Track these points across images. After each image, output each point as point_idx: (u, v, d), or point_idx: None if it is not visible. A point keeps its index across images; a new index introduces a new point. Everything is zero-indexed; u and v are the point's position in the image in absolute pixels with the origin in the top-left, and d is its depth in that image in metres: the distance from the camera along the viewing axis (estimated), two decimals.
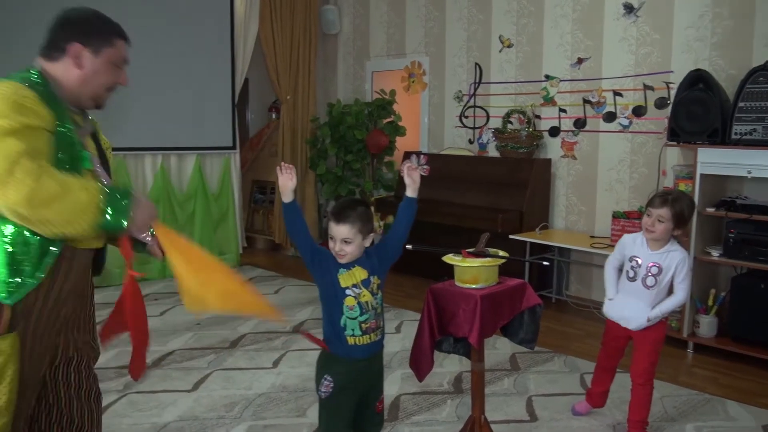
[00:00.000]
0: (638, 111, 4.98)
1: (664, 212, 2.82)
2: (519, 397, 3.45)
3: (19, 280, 1.67)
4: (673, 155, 4.70)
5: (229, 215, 6.55)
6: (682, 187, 4.34)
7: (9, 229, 1.66)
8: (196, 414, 3.19)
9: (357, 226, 2.21)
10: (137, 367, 2.01)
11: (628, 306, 2.95)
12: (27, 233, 1.67)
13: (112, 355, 3.96)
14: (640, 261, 2.92)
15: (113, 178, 2.01)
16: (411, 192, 2.36)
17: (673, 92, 4.64)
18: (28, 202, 1.51)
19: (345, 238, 2.21)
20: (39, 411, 1.92)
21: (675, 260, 2.87)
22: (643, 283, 2.90)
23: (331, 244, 2.25)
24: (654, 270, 2.88)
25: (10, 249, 1.67)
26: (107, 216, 1.64)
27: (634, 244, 2.98)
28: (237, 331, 4.46)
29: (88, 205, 1.61)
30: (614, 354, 3.11)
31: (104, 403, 3.27)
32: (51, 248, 1.71)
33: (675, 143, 4.38)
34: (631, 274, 2.95)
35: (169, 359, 3.93)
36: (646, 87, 4.92)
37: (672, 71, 4.75)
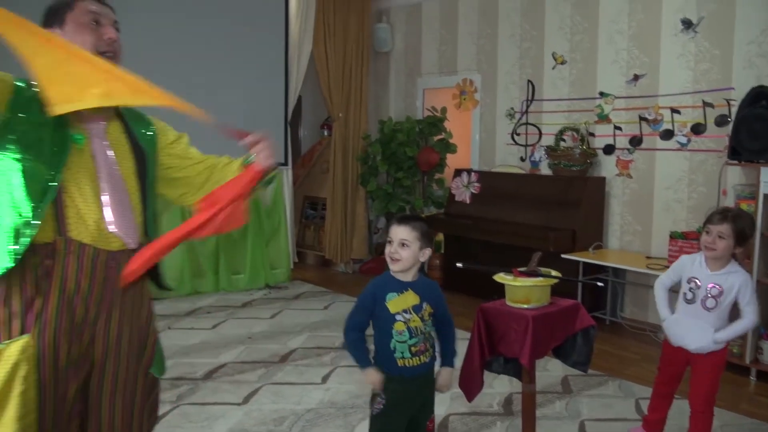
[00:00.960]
0: (697, 129, 4.85)
1: (724, 228, 2.73)
2: (571, 421, 3.37)
3: None
4: (734, 174, 4.55)
5: (280, 230, 6.65)
6: (743, 207, 4.20)
7: None
8: (246, 428, 3.23)
9: (417, 232, 2.23)
10: (133, 272, 1.73)
11: (689, 329, 2.83)
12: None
13: (167, 366, 4.06)
14: (699, 282, 2.82)
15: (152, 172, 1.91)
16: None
17: (734, 109, 4.50)
18: None
19: (403, 239, 2.22)
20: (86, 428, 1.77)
21: (737, 282, 2.76)
22: (702, 305, 2.80)
23: (387, 248, 2.26)
24: (714, 291, 2.77)
25: None
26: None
27: (692, 266, 2.88)
28: (287, 346, 4.51)
29: None
30: (672, 379, 3.00)
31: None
32: (23, 233, 1.59)
33: (736, 162, 4.25)
34: (690, 296, 2.85)
35: (220, 372, 3.99)
36: (706, 104, 4.79)
37: (733, 88, 4.62)
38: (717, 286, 2.77)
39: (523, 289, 2.54)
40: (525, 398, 2.66)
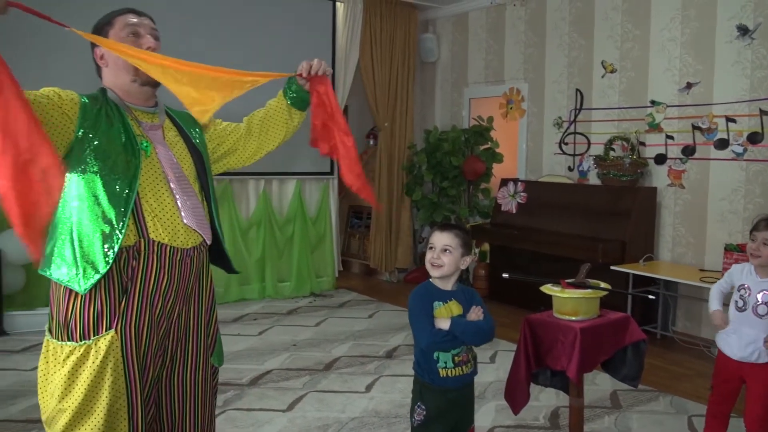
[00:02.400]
0: (754, 138, 4.70)
1: None
2: None
3: (82, 270, 1.70)
4: None
5: (326, 239, 6.71)
6: None
7: (72, 220, 1.72)
8: None
9: (459, 239, 2.23)
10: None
11: (741, 338, 2.74)
12: (86, 225, 1.71)
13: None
14: (749, 290, 2.74)
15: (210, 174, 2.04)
16: None
17: None
18: None
19: (446, 245, 2.22)
20: (156, 418, 1.92)
21: None
22: (754, 311, 2.71)
23: (428, 255, 2.25)
24: (766, 298, 2.69)
25: (74, 241, 1.71)
26: None
27: (742, 274, 2.81)
28: (331, 354, 4.53)
29: None
30: (726, 398, 2.87)
31: None
32: (113, 240, 1.71)
33: None
34: (740, 303, 2.77)
35: (266, 378, 4.03)
36: (763, 112, 4.64)
37: None
38: None
39: (571, 301, 2.49)
40: (572, 412, 2.60)
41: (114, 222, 1.71)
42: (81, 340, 1.72)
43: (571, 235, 5.42)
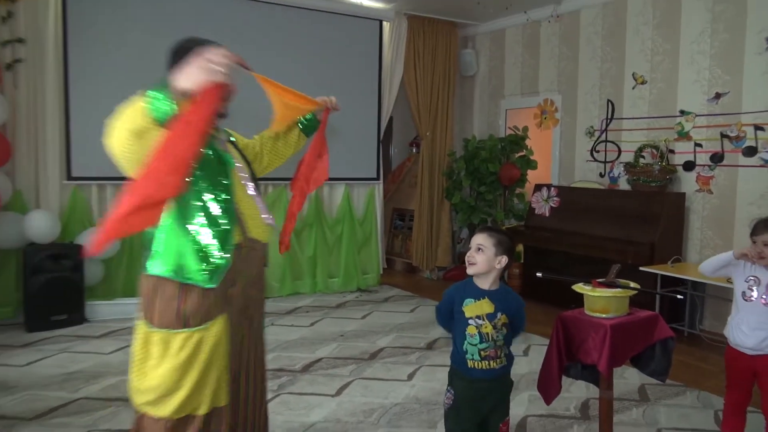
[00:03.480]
0: None
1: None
2: (648, 429, 3.21)
3: (210, 265, 1.86)
4: None
5: (372, 239, 6.73)
6: None
7: (198, 221, 1.87)
8: (339, 417, 3.27)
9: (494, 239, 2.21)
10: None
11: (749, 327, 2.63)
12: (204, 233, 1.86)
13: (270, 358, 4.19)
14: (759, 279, 2.63)
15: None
16: None
17: None
18: (115, 133, 1.75)
19: (480, 244, 2.21)
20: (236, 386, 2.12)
21: None
22: (762, 300, 2.61)
23: (467, 253, 2.26)
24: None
25: (198, 239, 1.86)
26: (152, 98, 1.65)
27: (748, 266, 2.68)
28: (376, 345, 4.54)
29: (136, 108, 1.68)
30: (741, 392, 2.73)
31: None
32: (227, 242, 1.88)
33: None
34: (749, 293, 2.65)
35: (316, 366, 4.08)
36: None
37: None
38: None
39: (602, 299, 2.45)
40: (602, 404, 2.56)
41: (227, 225, 1.87)
42: (197, 326, 1.87)
43: (601, 237, 5.31)
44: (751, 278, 2.67)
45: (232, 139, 2.25)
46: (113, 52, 5.22)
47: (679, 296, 4.07)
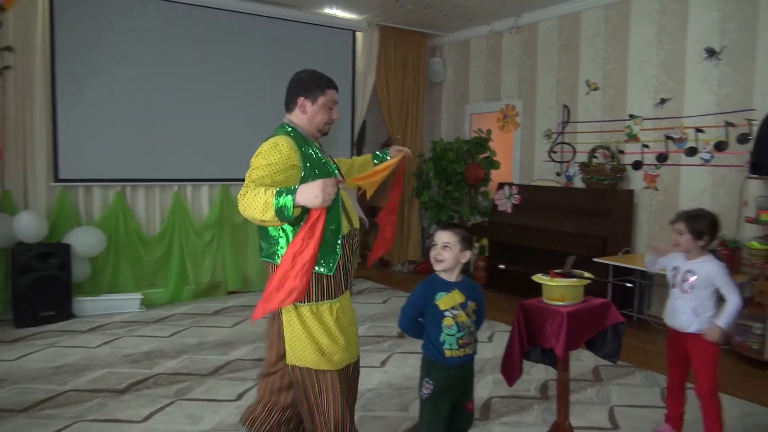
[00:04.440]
0: (720, 146, 4.63)
1: (680, 226, 2.75)
2: (601, 407, 3.26)
3: (331, 257, 2.22)
4: (755, 187, 4.32)
5: None
6: (764, 217, 3.99)
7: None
8: None
9: (458, 236, 2.22)
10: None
11: (675, 309, 2.80)
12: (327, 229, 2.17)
13: (250, 348, 4.15)
14: (678, 267, 2.79)
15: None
16: None
17: (755, 128, 4.28)
18: (247, 205, 2.04)
19: (446, 243, 2.21)
20: None
21: (710, 270, 2.70)
22: (681, 288, 2.77)
23: (432, 252, 2.25)
24: (689, 276, 2.73)
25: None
26: (278, 205, 1.95)
27: (675, 257, 2.85)
28: None
29: (268, 210, 1.97)
30: (679, 369, 2.87)
31: (242, 389, 3.42)
32: (339, 235, 2.24)
33: (757, 176, 4.03)
34: (673, 281, 2.83)
35: None
36: (728, 124, 4.57)
37: (754, 109, 4.39)
38: (691, 271, 2.74)
39: (559, 289, 2.47)
40: (560, 385, 2.59)
41: (339, 221, 2.22)
42: (334, 298, 2.24)
43: (559, 231, 5.38)
44: (673, 268, 2.82)
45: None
46: (99, 60, 5.11)
47: (628, 285, 4.15)
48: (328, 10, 6.26)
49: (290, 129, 2.30)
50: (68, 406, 3.15)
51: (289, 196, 1.91)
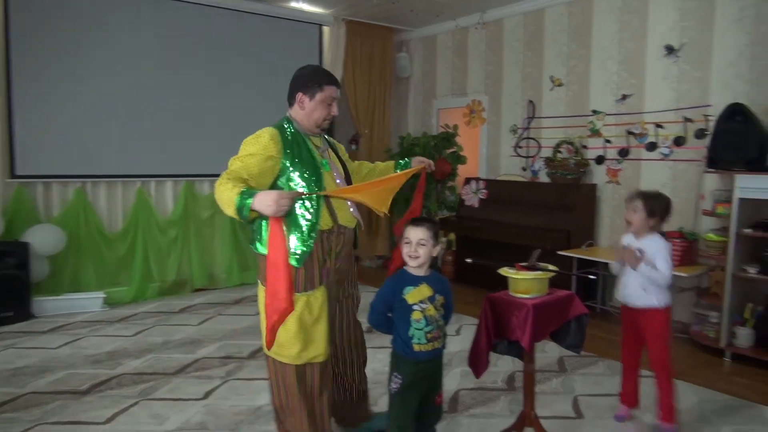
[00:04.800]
0: (678, 141, 4.77)
1: (637, 203, 2.85)
2: (566, 396, 3.33)
3: (294, 252, 2.26)
4: (712, 181, 4.46)
5: None
6: (720, 209, 4.12)
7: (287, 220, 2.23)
8: None
9: (431, 231, 2.24)
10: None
11: (626, 285, 2.91)
12: (296, 221, 2.26)
13: (217, 346, 4.09)
14: (629, 246, 2.90)
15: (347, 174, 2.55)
16: None
17: (711, 124, 4.42)
18: (216, 194, 2.13)
19: (421, 240, 2.21)
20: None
21: (656, 248, 2.83)
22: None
23: (406, 249, 2.23)
24: (638, 254, 2.83)
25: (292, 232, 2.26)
26: (238, 205, 2.04)
27: (627, 236, 2.98)
28: None
29: (228, 206, 2.07)
30: (632, 346, 2.99)
31: (208, 387, 3.39)
32: (313, 230, 2.28)
33: (714, 170, 4.16)
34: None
35: (263, 352, 4.00)
36: (686, 119, 4.71)
37: (711, 105, 4.53)
38: (641, 250, 2.84)
39: (525, 282, 2.51)
40: (526, 376, 2.63)
41: (312, 216, 2.26)
42: (304, 292, 2.27)
43: (524, 225, 5.46)
44: (624, 247, 2.92)
45: (335, 145, 2.61)
46: (57, 52, 4.96)
47: (591, 277, 4.24)
48: (294, 4, 6.20)
49: (287, 123, 2.37)
50: (28, 409, 3.06)
51: (249, 200, 2.01)
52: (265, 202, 1.99)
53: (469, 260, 2.71)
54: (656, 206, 2.85)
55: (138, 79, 5.36)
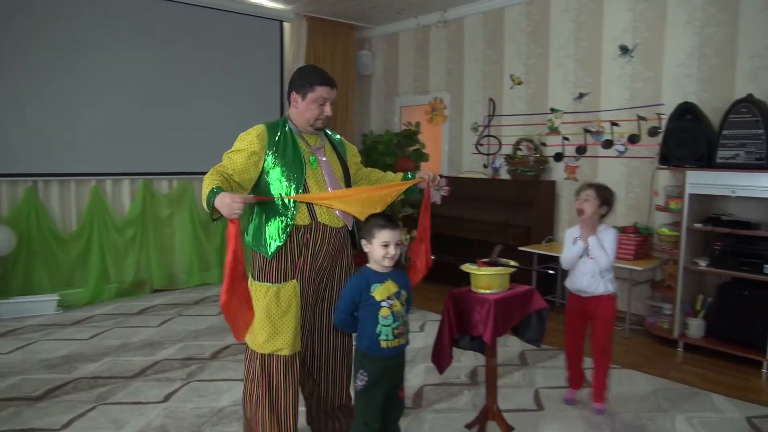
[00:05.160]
0: (633, 139, 4.91)
1: (590, 192, 2.98)
2: (527, 389, 3.39)
3: (268, 243, 2.31)
4: (664, 177, 4.61)
5: None
6: (672, 205, 4.26)
7: (263, 211, 2.34)
8: None
9: (399, 229, 2.29)
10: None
11: (585, 274, 3.03)
12: (272, 214, 2.32)
13: (178, 348, 4.02)
14: (581, 239, 3.04)
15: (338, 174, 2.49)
16: None
17: (663, 122, 4.56)
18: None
19: (397, 241, 2.25)
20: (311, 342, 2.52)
21: (607, 234, 3.00)
22: (587, 254, 3.01)
23: (382, 251, 2.22)
24: (594, 242, 2.98)
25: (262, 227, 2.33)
26: (207, 199, 2.10)
27: (577, 233, 3.09)
28: None
29: (204, 193, 2.13)
30: (576, 332, 3.15)
31: (169, 390, 3.32)
32: (287, 225, 2.30)
33: (666, 167, 4.30)
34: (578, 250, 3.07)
35: (225, 352, 3.96)
36: (640, 118, 4.85)
37: (663, 104, 4.68)
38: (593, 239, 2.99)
39: (486, 277, 2.55)
40: (488, 370, 2.67)
41: (288, 211, 2.29)
42: (275, 283, 2.31)
43: (486, 222, 5.53)
44: (579, 239, 3.05)
45: (342, 146, 2.61)
46: (5, 43, 4.75)
47: (550, 271, 4.31)
48: (254, 0, 6.12)
49: (283, 121, 2.41)
50: None
51: (213, 198, 2.07)
52: (222, 203, 2.04)
53: (433, 257, 2.72)
54: (607, 196, 3.01)
55: (91, 73, 5.19)
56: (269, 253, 2.30)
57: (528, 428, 2.89)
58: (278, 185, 2.31)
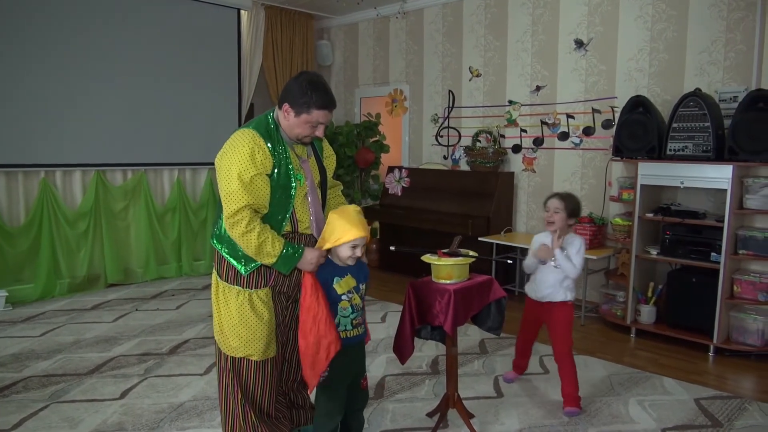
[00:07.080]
0: (588, 131, 5.03)
1: (558, 203, 3.02)
2: (487, 377, 3.45)
3: (245, 261, 2.26)
4: (618, 168, 4.75)
5: None
6: (625, 195, 4.39)
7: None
8: (208, 394, 3.15)
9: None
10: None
11: (546, 282, 3.08)
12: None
13: (135, 343, 3.92)
14: (548, 245, 3.07)
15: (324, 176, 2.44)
16: None
17: (617, 115, 4.68)
18: (238, 240, 2.16)
19: (364, 240, 2.24)
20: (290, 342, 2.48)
21: (574, 242, 3.05)
22: (554, 263, 3.06)
23: (349, 252, 2.22)
24: (560, 254, 3.02)
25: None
26: (277, 265, 2.19)
27: (545, 236, 3.14)
28: None
29: (267, 258, 2.18)
30: (530, 332, 3.28)
31: (126, 386, 3.24)
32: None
33: (619, 158, 4.42)
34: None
35: (184, 347, 3.89)
36: (594, 110, 4.97)
37: (616, 97, 4.80)
38: (562, 248, 3.04)
39: (446, 268, 2.57)
40: (449, 359, 2.70)
41: (278, 225, 2.23)
42: (244, 287, 2.26)
43: (446, 212, 5.58)
44: (544, 246, 3.09)
45: (320, 144, 2.49)
46: None
47: (509, 261, 4.37)
48: None
49: (273, 123, 2.26)
50: None
51: (296, 261, 2.19)
52: (307, 262, 2.18)
53: (392, 248, 2.72)
54: (574, 207, 3.06)
55: (38, 62, 4.98)
56: (245, 271, 2.24)
57: (488, 415, 2.95)
58: (270, 199, 2.22)
